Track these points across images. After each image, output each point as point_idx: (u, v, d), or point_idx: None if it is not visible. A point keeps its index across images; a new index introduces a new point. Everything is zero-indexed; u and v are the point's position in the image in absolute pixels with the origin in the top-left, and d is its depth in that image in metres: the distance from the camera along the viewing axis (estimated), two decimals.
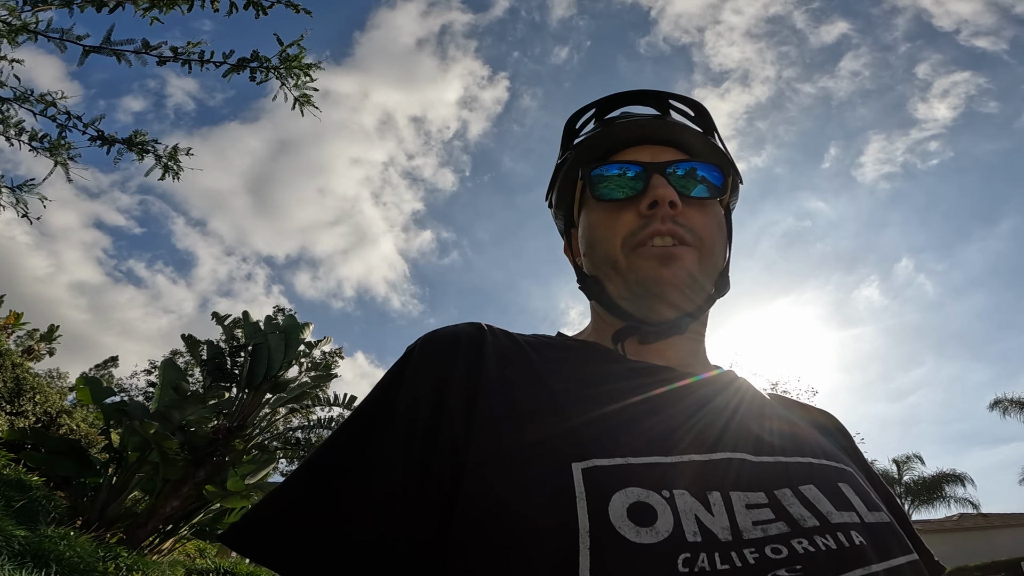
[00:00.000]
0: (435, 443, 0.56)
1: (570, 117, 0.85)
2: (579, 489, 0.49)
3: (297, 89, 5.00)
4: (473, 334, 0.67)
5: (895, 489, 26.65)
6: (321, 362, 21.42)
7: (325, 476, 0.58)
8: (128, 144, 5.23)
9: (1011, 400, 22.93)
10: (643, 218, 0.71)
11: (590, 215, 0.78)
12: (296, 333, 16.41)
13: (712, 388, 0.69)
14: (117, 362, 34.44)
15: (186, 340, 15.40)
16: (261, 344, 15.12)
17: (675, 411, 0.61)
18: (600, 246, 0.75)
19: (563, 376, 0.64)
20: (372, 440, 0.58)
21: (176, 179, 5.48)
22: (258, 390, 15.00)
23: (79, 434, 14.05)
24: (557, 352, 0.70)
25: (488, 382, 0.60)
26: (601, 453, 0.52)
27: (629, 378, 0.66)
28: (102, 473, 10.03)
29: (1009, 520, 32.13)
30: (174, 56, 4.66)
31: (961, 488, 25.48)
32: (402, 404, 0.60)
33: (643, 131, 0.78)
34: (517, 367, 0.64)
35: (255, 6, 4.37)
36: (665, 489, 0.50)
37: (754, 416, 0.65)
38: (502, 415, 0.57)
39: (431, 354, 0.64)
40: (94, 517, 8.56)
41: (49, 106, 5.09)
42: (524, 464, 0.52)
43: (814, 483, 0.56)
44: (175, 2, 4.34)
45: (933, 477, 25.99)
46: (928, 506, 26.13)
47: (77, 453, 10.16)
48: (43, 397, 14.10)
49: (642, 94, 0.84)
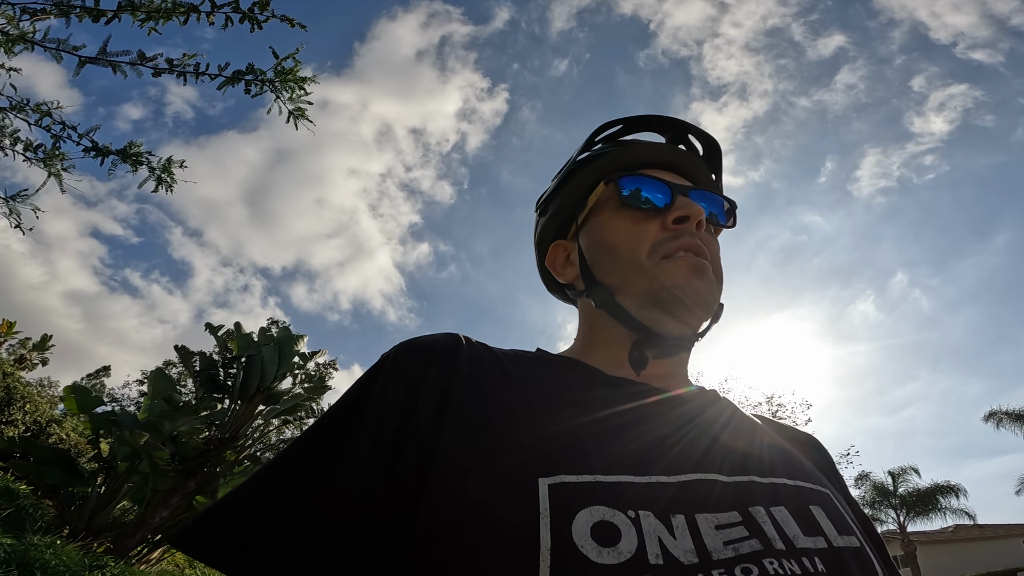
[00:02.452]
0: (402, 448, 0.56)
1: (598, 128, 0.86)
2: (544, 505, 0.49)
3: (292, 102, 5.03)
4: (449, 342, 0.67)
5: (891, 500, 26.89)
6: (316, 374, 21.40)
7: (284, 478, 0.58)
8: (122, 156, 5.25)
9: (1005, 412, 23.10)
10: (668, 231, 0.73)
11: (611, 221, 0.78)
12: (290, 345, 16.39)
13: (692, 407, 0.68)
14: (109, 372, 34.35)
15: (179, 351, 15.36)
16: (255, 355, 15.09)
17: (651, 430, 0.61)
18: (624, 250, 0.74)
19: (539, 389, 0.64)
20: (338, 443, 0.58)
21: (169, 191, 5.47)
22: (251, 401, 14.95)
23: (69, 443, 13.97)
24: (535, 366, 0.70)
25: (461, 388, 0.60)
26: (570, 469, 0.52)
27: (607, 395, 0.66)
28: (91, 482, 9.97)
29: (1004, 531, 32.10)
30: (170, 68, 4.72)
31: (955, 499, 25.58)
32: (372, 408, 0.60)
33: (672, 158, 0.82)
34: (492, 376, 0.64)
35: (250, 20, 4.41)
36: (631, 509, 0.50)
37: (733, 436, 0.65)
38: (473, 422, 0.56)
39: (405, 360, 0.64)
40: (81, 526, 8.49)
41: (45, 116, 5.12)
42: (490, 475, 0.52)
43: (785, 505, 0.56)
44: (172, 15, 4.37)
45: (928, 489, 26.12)
46: (924, 518, 26.23)
47: (66, 462, 10.10)
48: (33, 406, 14.02)
49: (666, 121, 0.86)
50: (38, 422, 14.02)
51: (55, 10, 4.45)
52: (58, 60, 4.63)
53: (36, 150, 5.29)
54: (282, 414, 15.50)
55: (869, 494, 27.40)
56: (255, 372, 15.10)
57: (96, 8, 4.29)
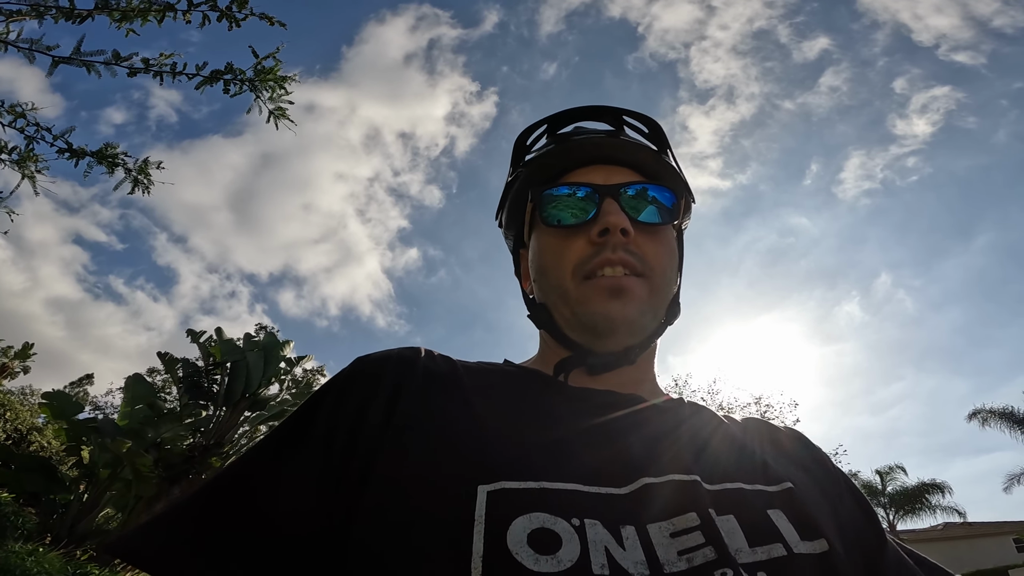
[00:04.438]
0: (351, 459, 0.56)
1: (521, 133, 0.82)
2: (479, 512, 0.48)
3: (272, 102, 4.99)
4: (406, 355, 0.67)
5: (879, 500, 26.97)
6: (303, 380, 21.30)
7: (234, 485, 0.57)
8: (98, 157, 5.17)
9: (989, 410, 23.14)
10: (594, 246, 0.68)
11: (540, 239, 0.75)
12: (276, 350, 16.32)
13: (652, 414, 0.67)
14: (92, 379, 34.00)
15: (162, 357, 15.27)
16: (239, 361, 15.02)
17: (606, 439, 0.60)
18: (551, 274, 0.72)
19: (493, 400, 0.63)
20: (289, 452, 0.59)
21: (146, 193, 5.39)
22: (236, 408, 14.87)
23: (50, 451, 13.81)
24: (494, 378, 0.69)
25: (410, 400, 0.60)
26: (512, 476, 0.51)
27: (563, 404, 0.66)
28: (72, 490, 9.87)
29: (992, 528, 32.41)
30: (145, 67, 4.66)
31: (942, 497, 25.74)
32: (324, 420, 0.60)
33: (597, 150, 0.75)
34: (445, 390, 0.63)
35: (228, 18, 4.39)
36: (576, 517, 0.49)
37: (693, 442, 0.64)
38: (417, 433, 0.56)
39: (359, 374, 0.64)
40: (63, 534, 8.41)
41: (19, 117, 5.02)
42: (429, 484, 0.52)
43: (735, 513, 0.55)
44: (147, 14, 4.34)
45: (915, 487, 26.26)
46: (914, 516, 26.34)
47: (46, 470, 10.00)
48: (13, 414, 13.88)
49: (596, 110, 0.81)
50: (19, 430, 13.86)
51: (32, 12, 4.41)
52: (31, 60, 4.56)
53: (11, 152, 5.17)
54: (268, 420, 15.41)
55: None
56: (240, 378, 15.02)
57: (71, 8, 4.27)
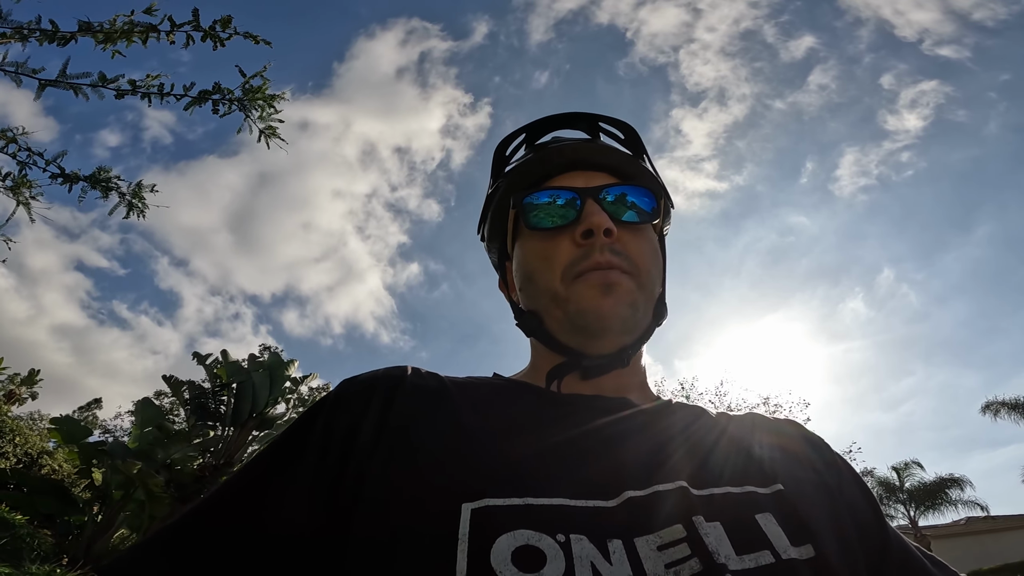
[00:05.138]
0: (340, 481, 0.55)
1: (499, 143, 0.82)
2: (463, 530, 0.48)
3: (262, 121, 4.93)
4: (394, 374, 0.67)
5: (897, 496, 26.61)
6: (309, 398, 21.32)
7: (224, 508, 0.57)
8: (91, 182, 5.06)
9: (1001, 402, 22.75)
10: (580, 247, 0.69)
11: (525, 245, 0.75)
12: (281, 370, 16.42)
13: (641, 419, 0.67)
14: (101, 404, 34.10)
15: (168, 381, 15.38)
16: (245, 382, 15.12)
17: (596, 450, 0.60)
18: (539, 277, 0.71)
19: (480, 415, 0.63)
20: (278, 476, 0.58)
21: (141, 217, 5.29)
22: (244, 427, 14.96)
23: (61, 474, 13.91)
24: (482, 392, 0.69)
25: (398, 419, 0.60)
26: (498, 493, 0.51)
27: (552, 416, 0.65)
28: (86, 511, 9.96)
29: (1016, 522, 31.64)
30: (132, 89, 4.59)
31: (961, 492, 25.35)
32: (314, 443, 0.60)
33: (575, 155, 0.76)
34: (433, 407, 0.63)
35: (212, 38, 4.39)
36: (561, 533, 0.48)
37: (685, 447, 0.63)
38: (404, 452, 0.56)
39: (347, 396, 0.64)
40: (80, 554, 8.50)
41: (10, 142, 4.89)
42: (414, 503, 0.51)
43: (722, 519, 0.53)
44: (130, 36, 4.31)
45: (934, 482, 25.85)
46: (935, 511, 25.90)
47: (59, 492, 10.11)
48: (23, 439, 13.98)
49: (571, 117, 0.82)
50: (29, 454, 13.96)
51: (15, 35, 4.35)
52: (18, 84, 4.50)
53: (5, 178, 5.05)
54: None
55: (875, 490, 26.54)
56: (246, 398, 15.12)
57: (54, 31, 4.26)
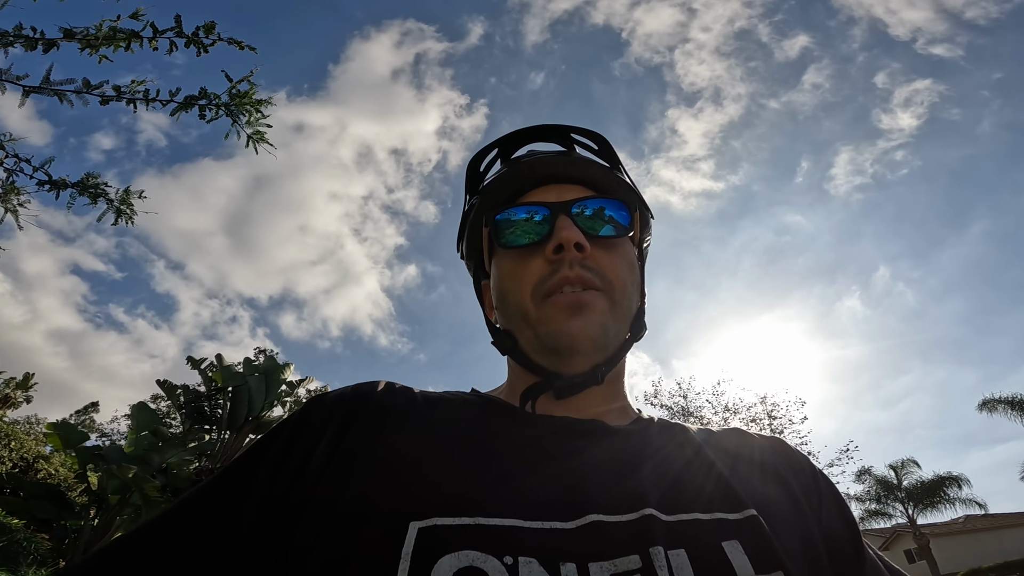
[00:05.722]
0: (285, 506, 0.55)
1: (472, 159, 0.80)
2: (407, 549, 0.47)
3: (250, 126, 4.89)
4: (362, 391, 0.66)
5: (896, 495, 26.54)
6: (305, 401, 21.23)
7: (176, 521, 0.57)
8: (79, 188, 5.01)
9: (998, 399, 22.59)
10: (551, 264, 0.67)
11: (499, 264, 0.73)
12: (277, 374, 16.44)
13: (612, 441, 0.65)
14: (98, 407, 34.13)
15: (162, 385, 15.39)
16: (241, 386, 15.14)
17: (558, 470, 0.58)
18: (511, 297, 0.70)
19: (445, 433, 0.61)
20: (229, 495, 0.58)
21: (130, 223, 5.24)
22: (241, 431, 14.99)
23: (57, 478, 13.93)
24: (453, 409, 0.67)
25: (354, 440, 0.59)
26: (447, 512, 0.49)
27: (519, 436, 0.63)
28: (83, 515, 9.99)
29: (1015, 520, 31.54)
30: (117, 95, 4.54)
31: (959, 490, 25.29)
32: (268, 464, 0.59)
33: (547, 169, 0.75)
34: (398, 424, 0.61)
35: (196, 44, 4.37)
36: (508, 555, 0.47)
37: (654, 470, 0.61)
38: (356, 472, 0.55)
39: (311, 414, 0.63)
40: (77, 558, 8.50)
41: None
42: (362, 521, 0.50)
43: (687, 547, 0.52)
44: (112, 42, 4.28)
45: (931, 480, 25.81)
46: (933, 509, 25.87)
47: (56, 496, 10.11)
48: (18, 444, 14.00)
49: (543, 129, 0.80)
50: (25, 458, 13.97)
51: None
52: (2, 91, 4.43)
53: None
54: None
55: (874, 489, 26.94)
56: (242, 402, 15.14)
57: (35, 37, 4.22)
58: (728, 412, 21.54)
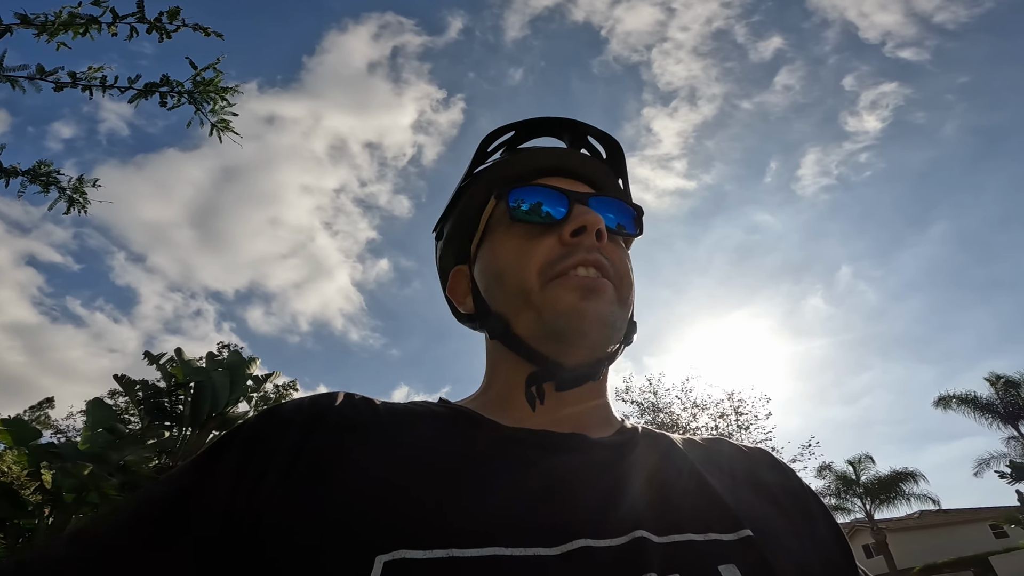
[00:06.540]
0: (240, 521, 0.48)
1: (486, 137, 0.76)
2: None
3: (215, 114, 4.75)
4: (319, 404, 0.59)
5: (854, 490, 27.20)
6: (275, 396, 21.01)
7: (111, 541, 0.49)
8: (31, 176, 4.81)
9: (954, 396, 23.27)
10: (565, 246, 0.65)
11: (500, 241, 0.70)
12: (242, 369, 16.18)
13: (596, 456, 0.61)
14: (53, 403, 33.05)
15: (119, 380, 15.02)
16: (204, 381, 14.88)
17: (538, 492, 0.53)
18: (511, 275, 0.66)
19: (410, 451, 0.55)
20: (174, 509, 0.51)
21: (83, 212, 5.11)
22: (204, 427, 14.71)
23: (10, 476, 13.51)
24: (419, 423, 0.61)
25: (308, 464, 0.52)
26: (415, 544, 0.44)
27: (493, 454, 0.57)
28: (36, 515, 9.71)
29: (969, 515, 32.60)
30: (73, 82, 4.39)
31: (915, 485, 25.94)
32: (216, 478, 0.52)
33: (559, 161, 0.74)
34: (358, 441, 0.55)
35: (158, 30, 4.24)
36: None
37: (641, 488, 0.57)
38: (312, 502, 0.48)
39: (260, 435, 0.56)
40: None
41: None
42: (322, 553, 0.45)
43: (681, 572, 0.48)
44: (69, 28, 4.14)
45: (888, 476, 26.44)
46: (889, 505, 26.51)
47: (8, 495, 9.83)
48: None
49: (561, 123, 0.78)
50: None
51: None
52: None
53: None
54: None
55: (833, 484, 27.55)
56: (206, 398, 14.86)
57: None
58: (696, 408, 22.00)
